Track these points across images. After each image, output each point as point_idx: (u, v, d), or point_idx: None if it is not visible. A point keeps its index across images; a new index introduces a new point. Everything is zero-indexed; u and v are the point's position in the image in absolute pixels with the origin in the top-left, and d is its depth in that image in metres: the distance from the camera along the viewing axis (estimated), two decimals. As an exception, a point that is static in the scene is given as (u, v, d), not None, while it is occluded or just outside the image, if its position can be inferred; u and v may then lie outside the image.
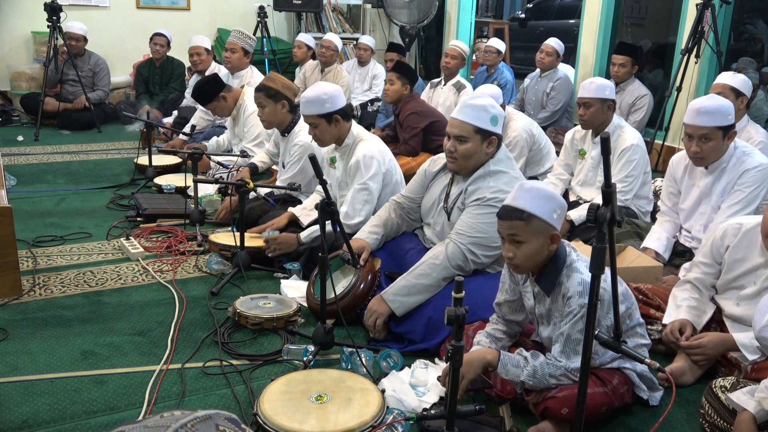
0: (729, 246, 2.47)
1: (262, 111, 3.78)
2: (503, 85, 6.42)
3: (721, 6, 5.00)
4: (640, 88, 5.44)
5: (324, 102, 3.15)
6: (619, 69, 5.31)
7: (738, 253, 2.45)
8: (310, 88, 3.22)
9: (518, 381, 2.06)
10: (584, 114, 3.64)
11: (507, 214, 2.03)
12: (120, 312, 2.88)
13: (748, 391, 2.02)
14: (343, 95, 3.25)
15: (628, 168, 3.57)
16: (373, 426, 2.01)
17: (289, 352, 2.51)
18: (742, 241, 2.44)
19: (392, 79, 4.97)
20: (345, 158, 3.32)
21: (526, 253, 2.03)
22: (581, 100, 3.64)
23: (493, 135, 2.60)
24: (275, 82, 3.73)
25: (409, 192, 2.99)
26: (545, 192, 2.03)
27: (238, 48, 5.59)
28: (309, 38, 6.90)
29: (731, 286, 2.48)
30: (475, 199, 2.61)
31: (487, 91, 3.93)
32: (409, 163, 5.00)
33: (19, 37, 7.26)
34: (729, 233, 2.48)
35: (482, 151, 2.61)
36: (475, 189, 2.63)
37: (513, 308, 2.30)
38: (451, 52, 5.85)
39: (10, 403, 2.20)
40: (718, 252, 2.50)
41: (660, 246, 3.20)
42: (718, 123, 2.92)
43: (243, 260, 3.21)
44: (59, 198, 4.45)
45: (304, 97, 3.19)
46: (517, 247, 2.03)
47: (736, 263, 2.45)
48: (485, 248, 2.60)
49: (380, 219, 2.98)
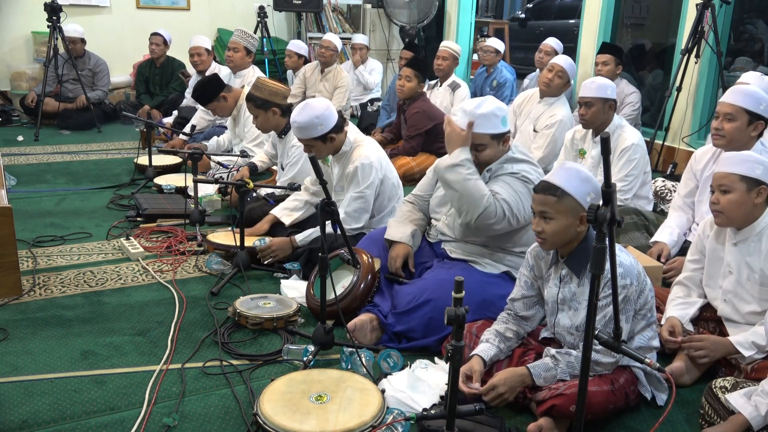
0: (708, 236, 2.51)
1: (255, 120, 3.78)
2: (503, 83, 6.42)
3: (721, 6, 5.00)
4: (627, 87, 5.45)
5: (316, 126, 3.09)
6: (602, 68, 5.29)
7: (716, 242, 2.48)
8: (297, 111, 3.09)
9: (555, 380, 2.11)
10: (585, 113, 3.64)
11: (542, 189, 2.11)
12: (120, 312, 2.88)
13: (745, 393, 2.03)
14: (334, 110, 3.16)
15: (629, 167, 3.57)
16: (373, 426, 2.01)
17: (289, 352, 2.51)
18: (718, 232, 2.48)
19: (409, 75, 4.97)
20: (342, 163, 3.32)
21: (554, 229, 2.09)
22: (582, 99, 3.64)
23: (506, 134, 2.69)
24: (262, 90, 3.69)
25: (420, 191, 3.02)
26: (583, 174, 2.11)
27: (241, 47, 5.59)
28: (300, 46, 6.85)
29: (715, 281, 2.50)
30: (503, 173, 2.69)
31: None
32: (409, 163, 5.01)
33: (19, 37, 7.26)
34: (708, 224, 2.53)
35: (500, 150, 2.70)
36: (499, 167, 2.71)
37: (528, 304, 2.33)
38: (442, 54, 5.86)
39: (10, 403, 2.20)
40: (702, 244, 2.55)
41: (671, 240, 3.21)
42: (746, 105, 2.92)
43: (243, 260, 3.21)
44: (59, 198, 4.45)
45: (294, 122, 3.09)
46: (547, 223, 2.10)
47: (714, 253, 2.49)
48: (513, 210, 2.61)
49: (408, 216, 2.97)
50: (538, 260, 2.31)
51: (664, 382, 2.28)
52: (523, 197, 2.62)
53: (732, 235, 2.41)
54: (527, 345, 2.34)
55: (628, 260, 2.09)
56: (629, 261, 2.09)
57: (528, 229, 2.70)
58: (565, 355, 2.12)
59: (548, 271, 2.26)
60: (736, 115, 2.93)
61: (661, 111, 5.41)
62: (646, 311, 2.18)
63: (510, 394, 2.12)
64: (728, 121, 2.95)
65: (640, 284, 2.12)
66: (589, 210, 1.59)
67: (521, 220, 2.64)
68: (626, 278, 2.05)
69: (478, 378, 2.18)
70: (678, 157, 5.36)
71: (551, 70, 4.58)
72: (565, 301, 2.20)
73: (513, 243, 2.74)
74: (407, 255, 2.83)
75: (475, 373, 2.18)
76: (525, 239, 2.73)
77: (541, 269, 2.29)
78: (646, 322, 2.19)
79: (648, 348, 2.20)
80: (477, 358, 2.22)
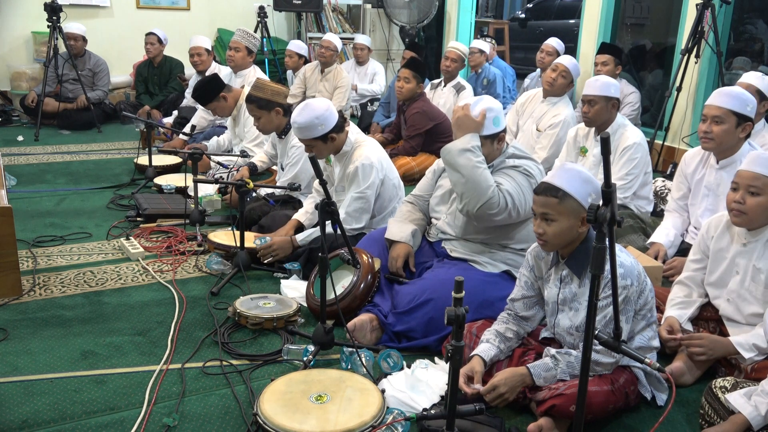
0: (713, 237, 2.51)
1: (257, 121, 3.76)
2: (492, 81, 6.47)
3: (721, 6, 5.00)
4: (626, 87, 5.46)
5: (316, 126, 3.09)
6: (602, 68, 5.30)
7: (721, 242, 2.48)
8: (298, 112, 3.09)
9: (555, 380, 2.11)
10: (588, 111, 3.65)
11: (543, 190, 2.10)
12: (120, 312, 2.88)
13: (745, 393, 2.03)
14: (334, 110, 3.16)
15: (629, 166, 3.58)
16: (373, 426, 2.01)
17: (289, 352, 2.51)
18: (724, 231, 2.48)
19: (408, 77, 4.98)
20: (343, 163, 3.32)
21: (556, 231, 2.09)
22: (586, 97, 3.65)
23: (500, 133, 2.70)
24: (264, 91, 3.69)
25: (420, 191, 3.04)
26: (584, 175, 2.10)
27: (242, 47, 5.59)
28: (300, 46, 6.85)
29: (719, 281, 2.50)
30: (504, 167, 2.71)
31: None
32: (409, 163, 5.01)
33: (19, 37, 7.26)
34: (713, 224, 2.53)
35: (494, 150, 2.72)
36: (501, 162, 2.73)
37: (528, 304, 2.33)
38: (450, 55, 5.84)
39: (10, 403, 2.20)
40: (705, 245, 2.54)
41: (667, 242, 3.21)
42: (733, 107, 2.93)
43: (243, 260, 3.21)
44: (59, 198, 4.45)
45: (295, 123, 3.09)
46: (548, 225, 2.09)
47: (719, 253, 2.49)
48: (516, 203, 2.62)
49: (408, 216, 2.98)
50: (538, 260, 2.31)
51: (664, 382, 2.28)
52: (526, 190, 2.64)
53: (743, 236, 2.40)
54: (527, 345, 2.34)
55: (629, 260, 2.09)
56: (630, 261, 2.09)
57: (527, 224, 2.72)
58: (565, 355, 2.12)
59: (548, 272, 2.26)
60: (725, 117, 2.94)
61: (661, 111, 5.41)
62: (646, 311, 2.18)
63: (510, 394, 2.12)
64: (716, 124, 2.96)
65: (640, 284, 2.12)
66: (589, 210, 1.59)
67: (522, 213, 2.65)
68: (627, 279, 2.06)
69: (480, 379, 2.18)
70: (678, 157, 5.36)
71: (555, 70, 4.58)
72: (566, 302, 2.20)
73: (512, 239, 2.75)
74: (408, 254, 2.84)
75: (477, 374, 2.18)
76: (524, 234, 2.74)
77: (542, 270, 2.30)
78: (646, 322, 2.19)
79: (648, 348, 2.20)
80: (478, 359, 2.22)
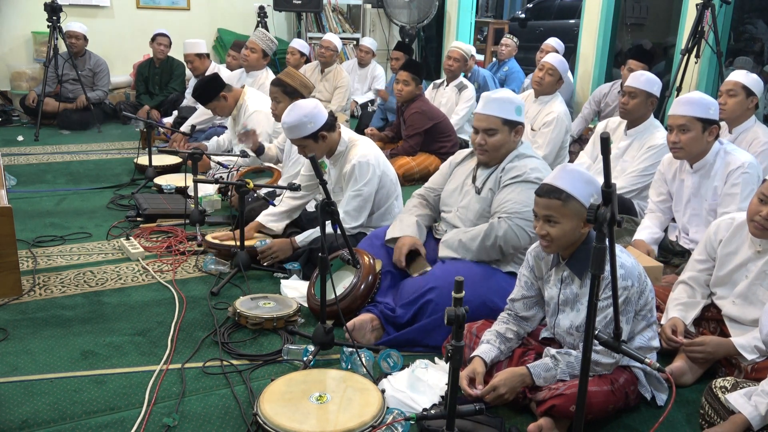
0: (722, 240, 2.51)
1: (275, 105, 3.77)
2: (483, 84, 6.53)
3: (721, 6, 5.00)
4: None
5: (306, 124, 3.08)
6: (627, 74, 5.26)
7: (730, 246, 2.48)
8: (287, 113, 3.09)
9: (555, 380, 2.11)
10: (627, 103, 3.70)
11: (545, 193, 2.09)
12: (120, 312, 2.88)
13: (745, 393, 2.03)
14: (323, 108, 3.15)
15: (650, 162, 3.63)
16: (373, 426, 2.01)
17: (289, 352, 2.51)
18: (734, 235, 2.48)
19: (407, 79, 4.99)
20: (339, 163, 3.31)
21: (559, 233, 2.08)
22: (628, 88, 3.70)
23: (519, 124, 2.70)
24: (293, 79, 3.73)
25: (433, 184, 3.04)
26: (586, 176, 2.10)
27: (259, 48, 5.62)
28: (303, 44, 6.84)
29: (726, 282, 2.49)
30: (514, 176, 2.68)
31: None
32: (408, 163, 5.01)
33: (19, 37, 7.25)
34: (722, 227, 2.53)
35: (511, 140, 2.72)
36: (512, 167, 2.72)
37: (528, 305, 2.33)
38: (453, 54, 5.83)
39: (10, 403, 2.20)
40: (712, 247, 2.54)
41: (651, 239, 3.24)
42: (696, 114, 2.96)
43: (243, 260, 3.21)
44: (59, 198, 4.45)
45: (285, 123, 3.09)
46: (552, 227, 2.08)
47: (728, 257, 2.48)
48: (528, 221, 2.62)
49: (413, 211, 2.99)
50: (538, 261, 2.31)
51: (664, 382, 2.28)
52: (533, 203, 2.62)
53: (756, 242, 2.39)
54: (527, 345, 2.34)
55: (630, 261, 2.09)
56: (630, 262, 2.09)
57: None
58: (565, 355, 2.12)
59: (549, 273, 2.26)
60: (689, 125, 2.97)
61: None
62: (646, 312, 2.18)
63: (510, 395, 2.12)
64: (683, 133, 2.99)
65: (641, 285, 2.12)
66: (589, 210, 1.59)
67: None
68: (627, 279, 2.05)
69: (481, 380, 2.18)
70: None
71: (542, 69, 4.64)
72: (566, 303, 2.20)
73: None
74: (413, 244, 2.83)
75: (478, 376, 2.18)
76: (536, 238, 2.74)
77: (542, 270, 2.29)
78: (646, 322, 2.19)
79: (648, 348, 2.20)
80: (479, 360, 2.22)
